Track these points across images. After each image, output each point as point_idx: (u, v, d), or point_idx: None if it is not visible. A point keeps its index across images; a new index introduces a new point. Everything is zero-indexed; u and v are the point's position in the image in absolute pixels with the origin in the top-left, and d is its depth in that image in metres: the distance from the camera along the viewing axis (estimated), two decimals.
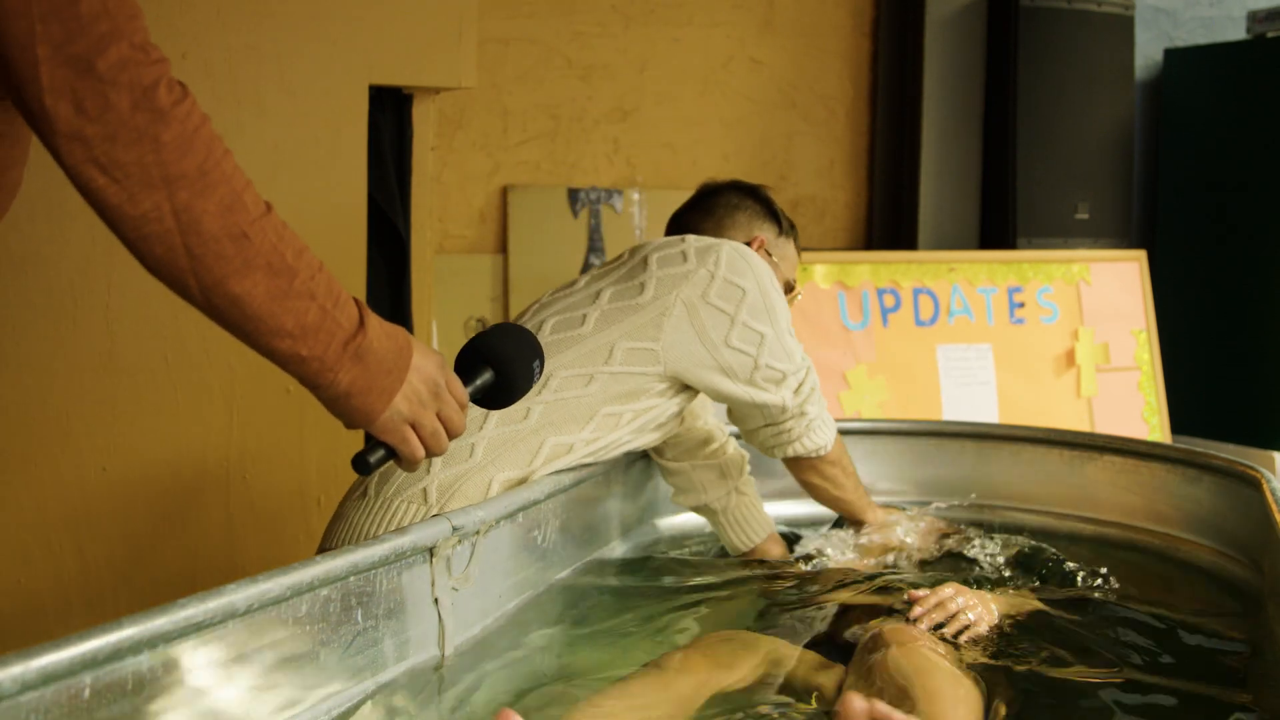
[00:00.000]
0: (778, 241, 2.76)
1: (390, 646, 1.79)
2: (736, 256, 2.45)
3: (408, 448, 1.68)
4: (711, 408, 2.76)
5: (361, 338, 1.59)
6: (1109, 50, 5.38)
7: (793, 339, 2.49)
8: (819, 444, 2.60)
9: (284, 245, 1.53)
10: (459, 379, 1.75)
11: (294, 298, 1.53)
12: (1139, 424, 4.99)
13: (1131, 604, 2.47)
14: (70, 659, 1.24)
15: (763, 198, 2.81)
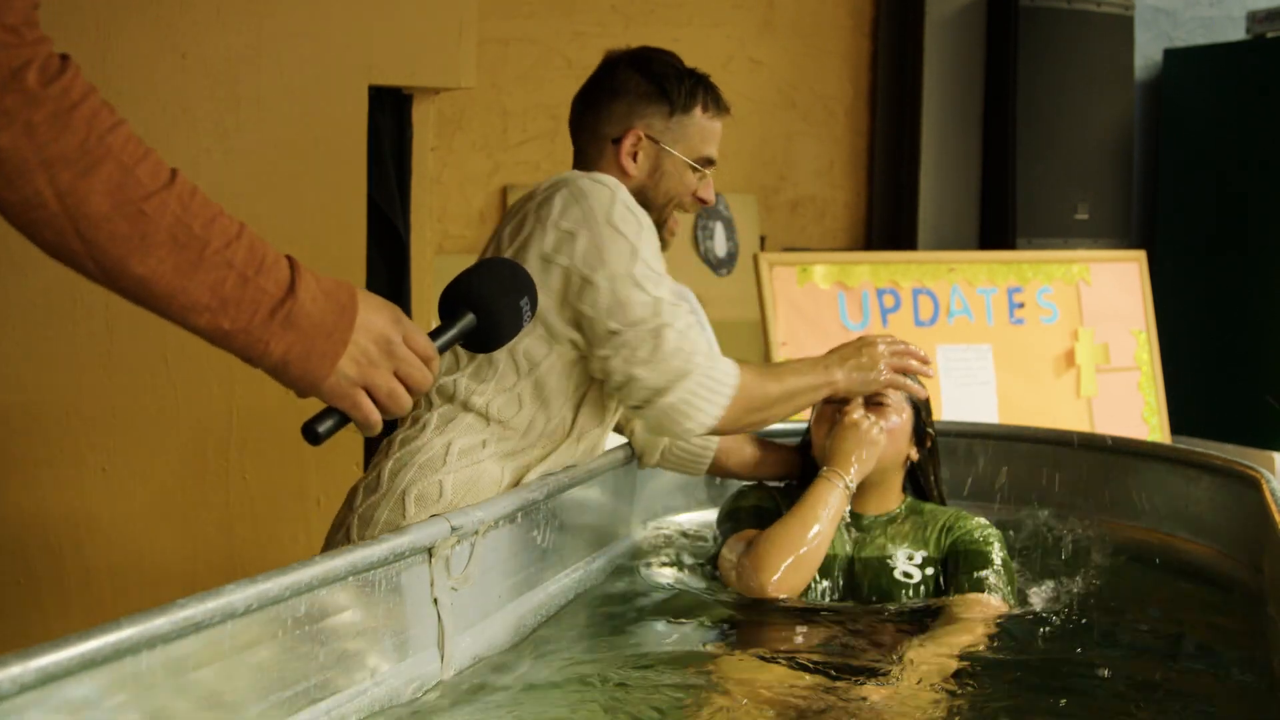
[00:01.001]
0: (670, 124, 2.45)
1: (389, 647, 1.79)
2: (570, 200, 2.27)
3: (359, 413, 1.58)
4: None
5: (291, 302, 1.49)
6: (1109, 50, 5.38)
7: (636, 287, 2.22)
8: (697, 423, 2.29)
9: (190, 216, 1.44)
10: (420, 332, 1.63)
11: (206, 269, 1.44)
12: (1139, 424, 4.99)
13: (1130, 605, 2.47)
14: (70, 659, 1.24)
15: (655, 72, 2.48)
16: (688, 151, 2.47)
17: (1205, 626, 2.33)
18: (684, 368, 2.23)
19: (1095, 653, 2.15)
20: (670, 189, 2.47)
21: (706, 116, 2.49)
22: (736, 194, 5.18)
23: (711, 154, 2.50)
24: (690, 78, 2.49)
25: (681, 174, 2.46)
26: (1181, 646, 2.23)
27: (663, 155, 2.45)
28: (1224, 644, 2.24)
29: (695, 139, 2.48)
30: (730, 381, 2.27)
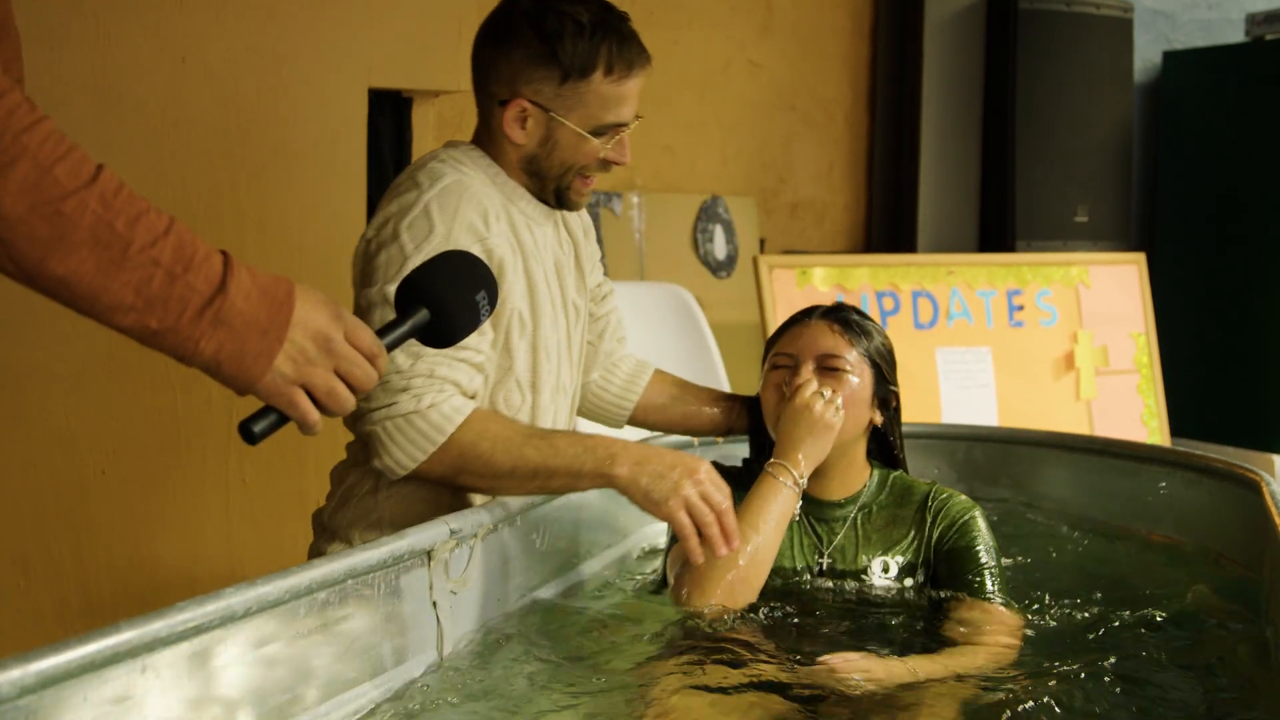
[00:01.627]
0: (562, 91, 2.19)
1: (388, 650, 1.79)
2: (393, 191, 2.17)
3: (296, 412, 1.52)
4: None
5: (222, 299, 1.44)
6: (1108, 53, 5.38)
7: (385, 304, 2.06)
8: (384, 465, 2.11)
9: (113, 214, 1.40)
10: (364, 328, 1.58)
11: (131, 268, 1.40)
12: (1138, 427, 4.99)
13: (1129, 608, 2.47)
14: (69, 663, 1.24)
15: (548, 28, 2.18)
16: (584, 120, 2.21)
17: (1205, 629, 2.33)
18: (379, 399, 2.06)
19: (1093, 655, 2.14)
20: (566, 159, 2.24)
21: (610, 80, 2.20)
22: (736, 197, 5.18)
23: (617, 119, 2.24)
24: (593, 33, 2.18)
25: (578, 144, 2.22)
26: (1181, 649, 2.23)
27: (554, 125, 2.21)
28: (1224, 647, 2.24)
29: (594, 106, 2.21)
30: (435, 439, 2.06)
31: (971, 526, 2.27)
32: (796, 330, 2.32)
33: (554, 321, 2.31)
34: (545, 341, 2.28)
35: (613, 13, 2.23)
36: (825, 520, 2.31)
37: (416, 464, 2.07)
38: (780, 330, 2.38)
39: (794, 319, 2.35)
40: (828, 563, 2.28)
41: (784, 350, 2.31)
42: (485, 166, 2.27)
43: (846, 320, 2.30)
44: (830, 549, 2.29)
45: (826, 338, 2.28)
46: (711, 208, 5.11)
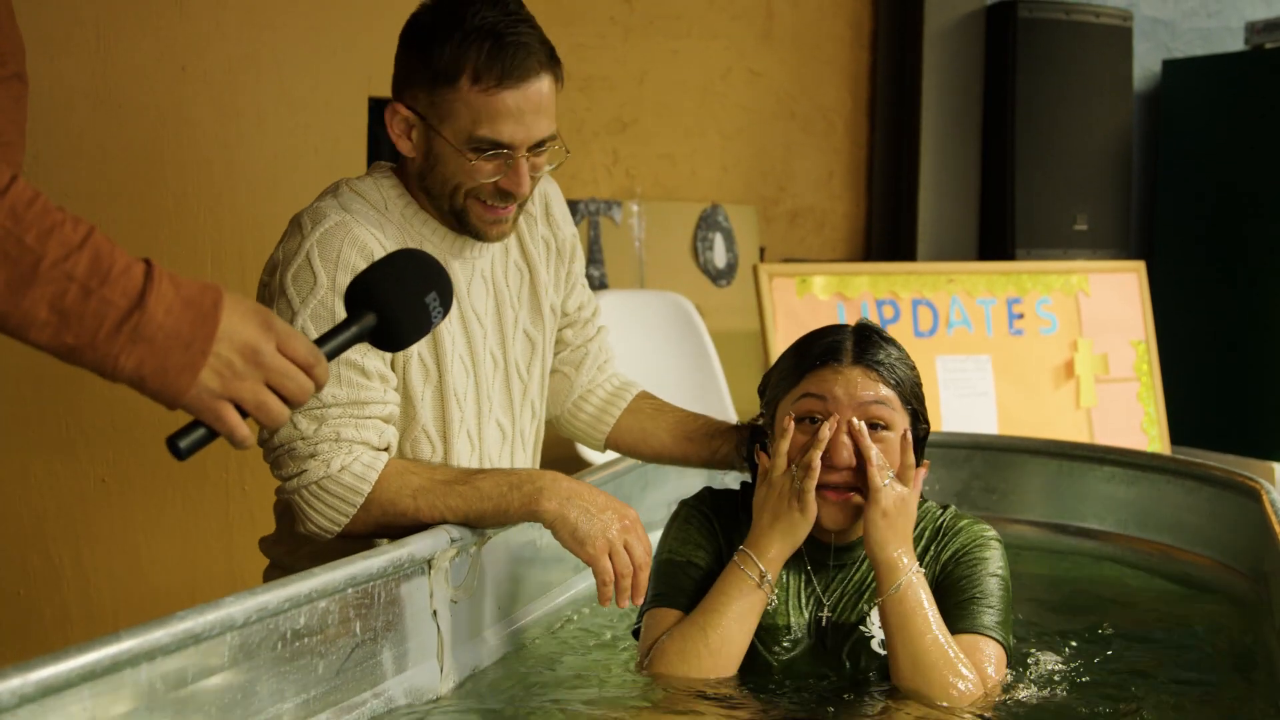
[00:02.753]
0: (434, 98, 2.02)
1: (389, 659, 1.79)
2: (280, 250, 2.06)
3: (224, 427, 1.46)
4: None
5: (139, 314, 1.38)
6: (1107, 61, 5.39)
7: None
8: (309, 530, 2.01)
9: (22, 228, 1.34)
10: (299, 337, 1.50)
11: (43, 284, 1.34)
12: (1138, 435, 4.99)
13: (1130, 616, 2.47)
14: (69, 672, 1.24)
15: (424, 26, 2.06)
16: (457, 134, 2.01)
17: (1206, 637, 2.33)
18: (290, 468, 1.98)
19: (1094, 664, 2.14)
20: (448, 176, 2.06)
21: (479, 89, 1.98)
22: (736, 205, 5.18)
23: (492, 135, 2.01)
24: (466, 37, 1.98)
25: (457, 160, 2.03)
26: (1182, 658, 2.23)
27: (432, 136, 2.04)
28: (1225, 655, 2.24)
29: (463, 118, 2.00)
30: (353, 500, 1.97)
31: (980, 553, 2.08)
32: (827, 375, 2.04)
33: (474, 364, 2.18)
34: (455, 389, 2.14)
35: (507, 17, 2.01)
36: (830, 567, 2.11)
37: (339, 527, 1.99)
38: (801, 368, 2.08)
39: (821, 357, 2.06)
40: (827, 615, 2.08)
41: (813, 392, 2.03)
42: (393, 198, 2.14)
43: (882, 364, 2.03)
44: (831, 599, 2.09)
45: (864, 387, 2.02)
46: (711, 216, 5.12)
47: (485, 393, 2.19)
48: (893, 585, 1.96)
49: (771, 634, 2.06)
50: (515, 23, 2.01)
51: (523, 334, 2.27)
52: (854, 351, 2.04)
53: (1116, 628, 2.37)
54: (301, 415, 1.95)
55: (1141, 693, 2.03)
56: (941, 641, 1.94)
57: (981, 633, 2.00)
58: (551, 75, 2.04)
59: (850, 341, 2.05)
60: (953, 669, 1.92)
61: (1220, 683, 2.10)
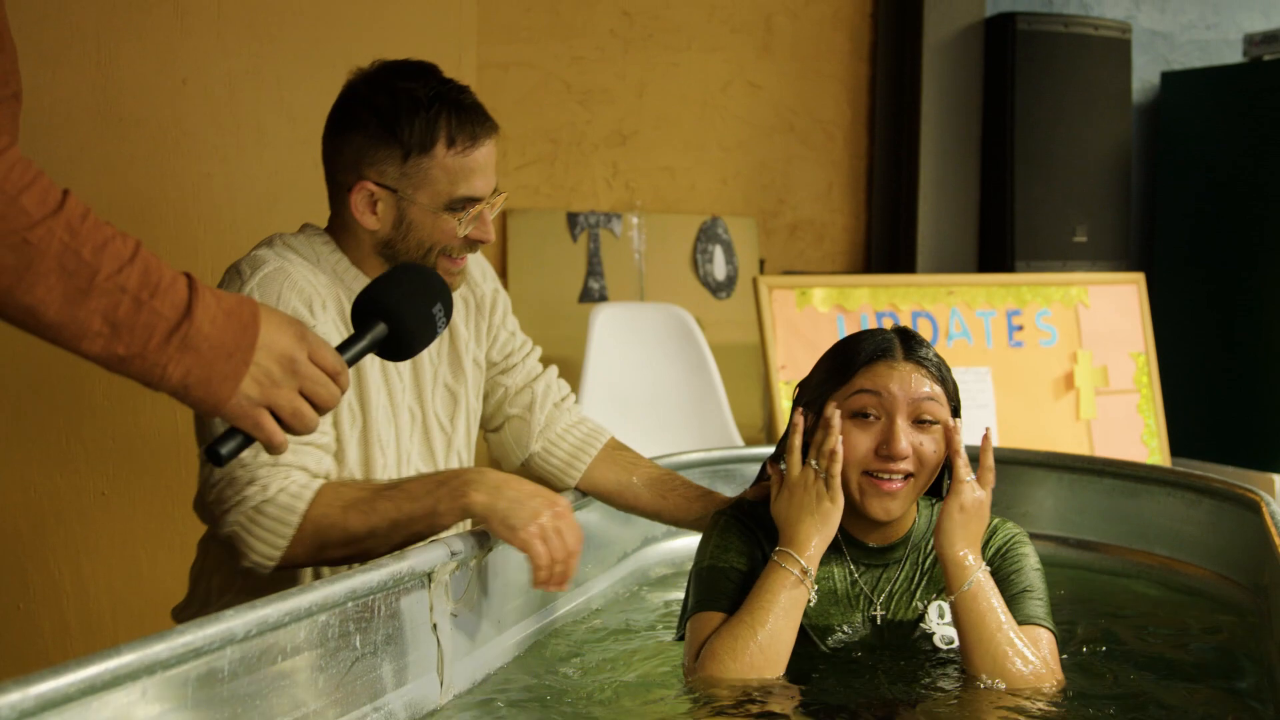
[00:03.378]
0: (406, 170, 2.12)
1: (389, 672, 1.79)
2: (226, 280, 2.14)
3: (262, 434, 1.54)
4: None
5: (188, 325, 1.45)
6: (1106, 73, 5.40)
7: None
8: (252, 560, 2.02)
9: (80, 242, 1.39)
10: (327, 346, 1.58)
11: (98, 295, 1.40)
12: (1138, 447, 4.99)
13: (1130, 628, 2.47)
14: (69, 686, 1.24)
15: (383, 107, 2.14)
16: (434, 198, 2.14)
17: (1206, 650, 2.33)
18: (230, 498, 2.00)
19: (1095, 676, 2.14)
20: (423, 239, 2.16)
21: (454, 152, 2.13)
22: (736, 217, 5.19)
23: (469, 192, 2.15)
24: (429, 107, 2.13)
25: (434, 222, 2.15)
26: (1182, 670, 2.23)
27: (404, 205, 2.15)
28: (1225, 667, 2.24)
29: (442, 182, 2.13)
30: (290, 521, 1.99)
31: (1017, 551, 2.13)
32: (882, 369, 2.07)
33: (394, 415, 2.24)
34: (379, 436, 2.20)
35: (450, 85, 2.17)
36: (874, 566, 2.14)
37: (280, 552, 2.00)
38: (854, 364, 2.10)
39: (872, 355, 2.09)
40: (881, 614, 2.12)
41: (868, 388, 2.06)
42: (325, 253, 2.20)
43: (931, 362, 2.09)
44: (882, 598, 2.13)
45: (918, 383, 2.06)
46: (711, 228, 5.12)
47: (404, 444, 2.27)
48: (964, 583, 2.01)
49: (827, 632, 2.11)
50: (460, 89, 2.18)
51: (443, 387, 2.35)
52: (904, 349, 2.09)
53: (1116, 639, 2.37)
54: None
55: (1140, 704, 2.03)
56: (1013, 636, 2.00)
57: (1037, 623, 2.06)
58: (496, 130, 2.21)
59: (897, 340, 2.11)
60: (1025, 659, 1.98)
61: (1220, 695, 2.09)
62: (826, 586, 2.13)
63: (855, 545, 2.14)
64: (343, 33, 3.30)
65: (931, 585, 2.14)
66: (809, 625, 2.09)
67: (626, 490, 2.47)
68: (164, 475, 3.12)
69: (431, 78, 2.17)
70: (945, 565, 2.03)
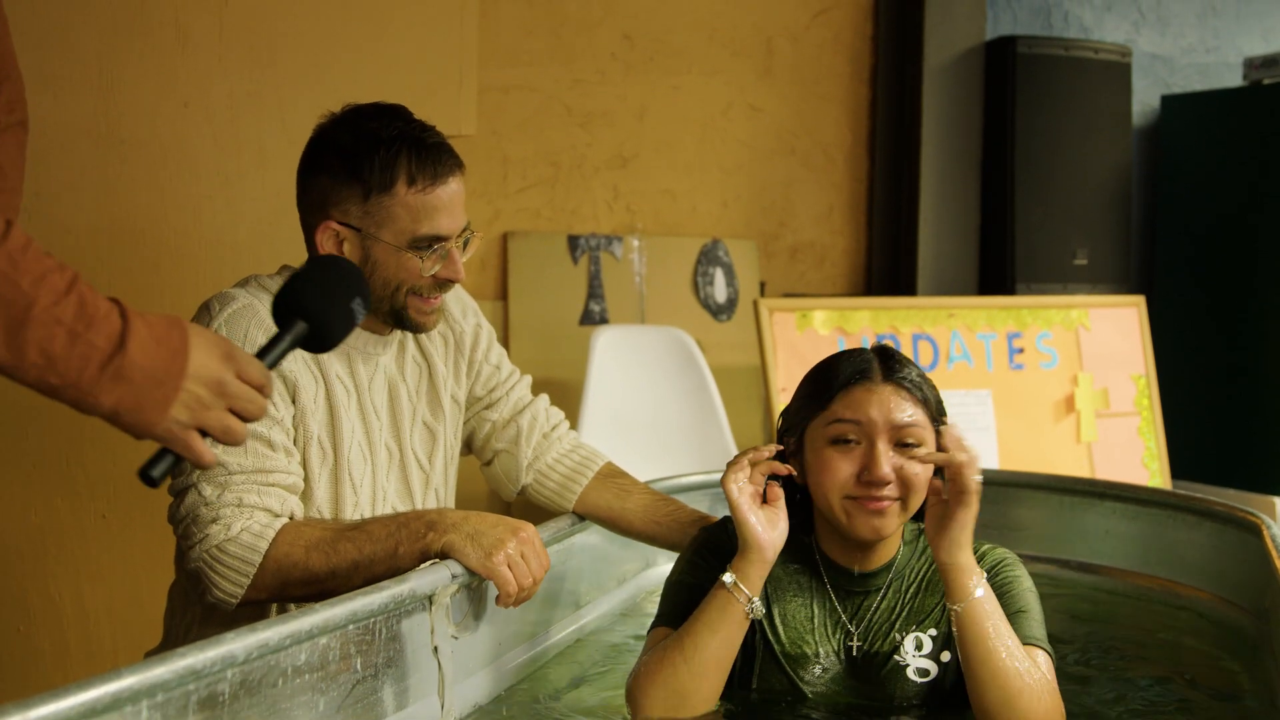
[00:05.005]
0: (368, 208, 2.14)
1: (389, 695, 1.78)
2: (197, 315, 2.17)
3: (192, 454, 1.55)
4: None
5: (121, 357, 1.47)
6: (1106, 97, 5.41)
7: None
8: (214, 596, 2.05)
9: (18, 273, 1.41)
10: (252, 361, 1.60)
11: (34, 327, 1.42)
12: (1139, 470, 4.99)
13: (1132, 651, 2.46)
14: (69, 709, 1.24)
15: (346, 147, 2.17)
16: (398, 236, 2.15)
17: (1207, 673, 2.33)
18: (194, 534, 2.04)
19: (1096, 699, 2.14)
20: (390, 278, 2.18)
21: (415, 191, 2.14)
22: (736, 240, 5.20)
23: (432, 230, 2.16)
24: (390, 146, 2.14)
25: (399, 261, 2.16)
26: (1184, 693, 2.22)
27: (369, 243, 2.16)
28: (1227, 690, 2.24)
29: (404, 220, 2.14)
30: (252, 560, 2.01)
31: (1010, 572, 2.09)
32: (860, 395, 2.04)
33: (371, 453, 2.25)
34: (350, 474, 2.22)
35: (414, 125, 2.20)
36: (855, 594, 2.09)
37: (243, 590, 2.02)
38: (831, 388, 2.07)
39: (850, 378, 2.05)
40: (858, 645, 2.07)
41: (848, 417, 2.03)
42: None
43: (911, 382, 2.05)
44: (860, 629, 2.08)
45: (897, 406, 2.01)
46: (712, 251, 5.13)
47: (380, 482, 2.28)
48: (970, 591, 1.95)
49: (800, 662, 2.06)
50: (424, 128, 2.20)
51: (422, 425, 2.36)
52: (882, 370, 2.05)
53: (1117, 663, 2.37)
54: (206, 482, 2.04)
55: None
56: (1018, 656, 1.94)
57: (1034, 644, 2.00)
58: (461, 169, 2.23)
59: (876, 361, 2.06)
60: (1029, 674, 1.93)
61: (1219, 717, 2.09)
62: (804, 614, 2.08)
63: (837, 571, 2.10)
64: (344, 56, 3.31)
65: (911, 618, 2.07)
66: (783, 655, 2.06)
67: (620, 517, 2.46)
68: (164, 498, 3.11)
69: (396, 118, 2.20)
70: (951, 572, 1.97)
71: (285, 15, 3.24)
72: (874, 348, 2.11)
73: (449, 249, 2.18)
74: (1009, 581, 2.07)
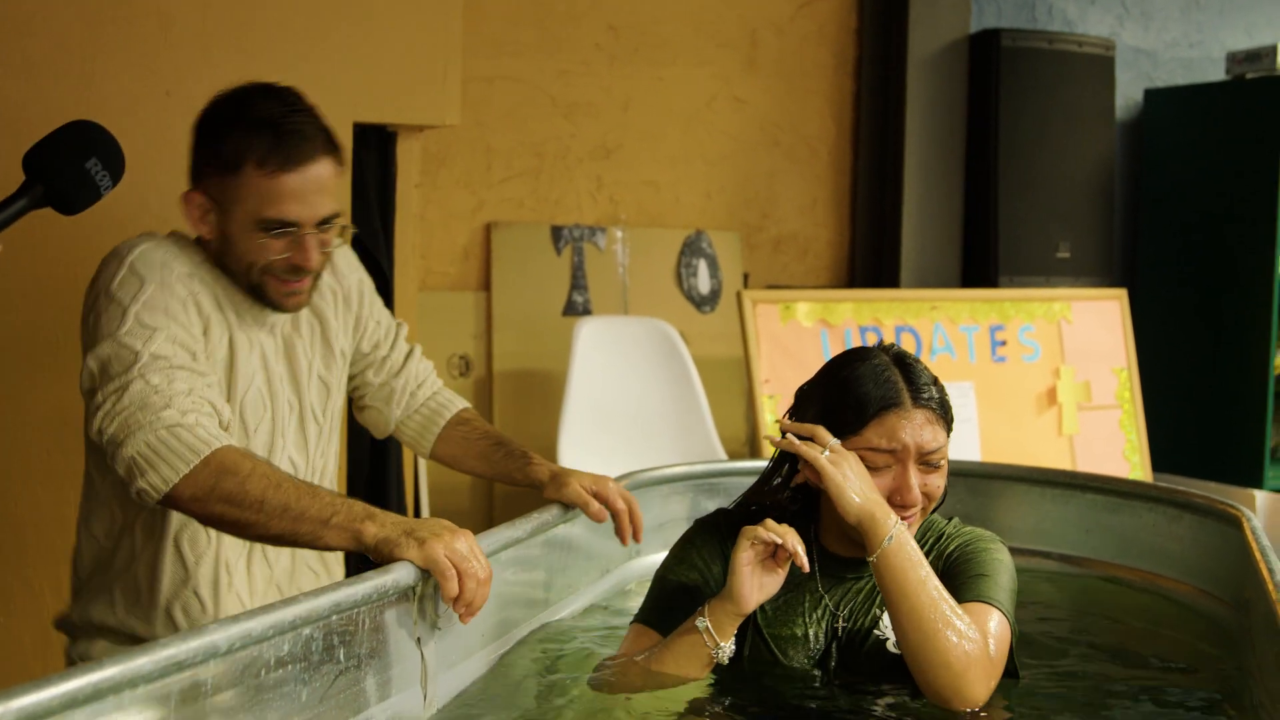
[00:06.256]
0: (224, 182, 2.17)
1: (372, 685, 1.78)
2: (91, 282, 2.20)
3: None
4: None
5: None
6: (1090, 90, 5.42)
7: (118, 345, 2.07)
8: (148, 484, 2.01)
9: None
10: None
11: None
12: (1120, 462, 5.01)
13: (1112, 643, 2.47)
14: (51, 699, 1.24)
15: (213, 119, 2.24)
16: (246, 215, 2.17)
17: (1188, 665, 2.34)
18: (141, 420, 2.02)
19: (1076, 691, 2.14)
20: (242, 254, 2.20)
21: (263, 173, 2.15)
22: (720, 231, 5.20)
23: (279, 215, 2.17)
24: (250, 126, 2.17)
25: (248, 239, 2.18)
26: (1163, 685, 2.23)
27: (225, 218, 2.20)
28: (1206, 683, 2.25)
29: (251, 199, 2.16)
30: (199, 450, 1.99)
31: (986, 544, 2.11)
32: (894, 422, 2.05)
33: (271, 403, 2.32)
34: (248, 419, 2.28)
35: (287, 108, 2.20)
36: (844, 579, 2.13)
37: (176, 479, 1.98)
38: (865, 414, 2.07)
39: (883, 402, 2.06)
40: (843, 624, 2.09)
41: (882, 446, 2.05)
42: (198, 258, 2.26)
43: (937, 402, 2.09)
44: (845, 610, 2.11)
45: (928, 432, 2.06)
46: (695, 242, 5.13)
47: (280, 431, 2.34)
48: (884, 538, 1.97)
49: (790, 642, 2.10)
50: (292, 113, 2.20)
51: (318, 379, 2.43)
52: (910, 393, 2.08)
53: (1097, 655, 2.37)
54: (151, 373, 2.04)
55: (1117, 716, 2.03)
56: (938, 597, 1.94)
57: (987, 600, 2.01)
58: (331, 158, 2.23)
59: (903, 382, 2.09)
60: (953, 627, 1.92)
61: (1200, 709, 2.10)
62: (795, 600, 2.11)
63: (828, 558, 2.14)
64: (328, 46, 3.30)
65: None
66: (772, 637, 2.09)
67: (462, 462, 2.61)
68: None
69: (274, 99, 2.22)
70: (862, 523, 1.98)
71: (269, 4, 3.23)
72: (891, 356, 2.13)
73: (301, 235, 2.19)
74: (980, 552, 2.09)
